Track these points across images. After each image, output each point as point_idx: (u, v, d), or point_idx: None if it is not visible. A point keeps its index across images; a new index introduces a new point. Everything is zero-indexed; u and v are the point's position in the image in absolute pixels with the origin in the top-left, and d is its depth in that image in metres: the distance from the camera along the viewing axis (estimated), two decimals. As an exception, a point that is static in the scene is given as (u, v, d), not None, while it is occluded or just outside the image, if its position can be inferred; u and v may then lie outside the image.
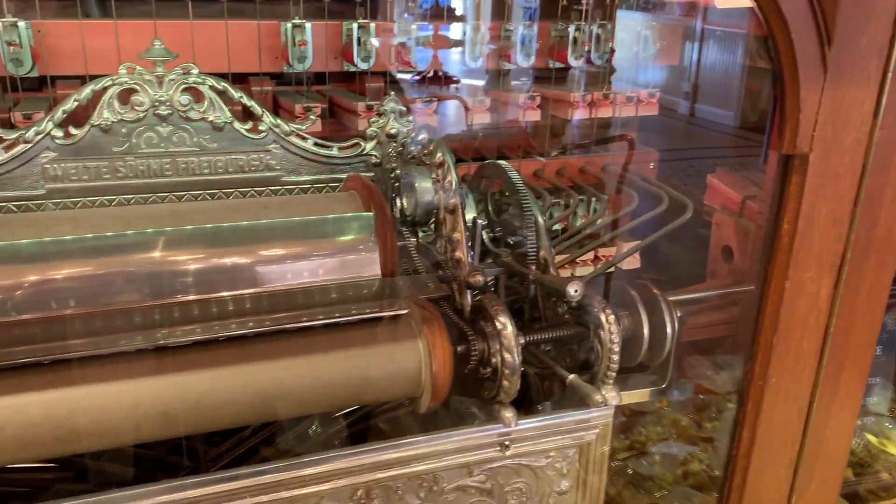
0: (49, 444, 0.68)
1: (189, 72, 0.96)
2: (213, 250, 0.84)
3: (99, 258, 0.79)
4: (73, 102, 0.92)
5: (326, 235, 0.89)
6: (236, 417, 0.76)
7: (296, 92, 1.42)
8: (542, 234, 0.97)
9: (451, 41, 1.44)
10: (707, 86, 3.60)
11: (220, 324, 0.77)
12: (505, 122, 1.46)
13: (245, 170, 1.02)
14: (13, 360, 0.67)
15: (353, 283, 0.88)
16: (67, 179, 0.95)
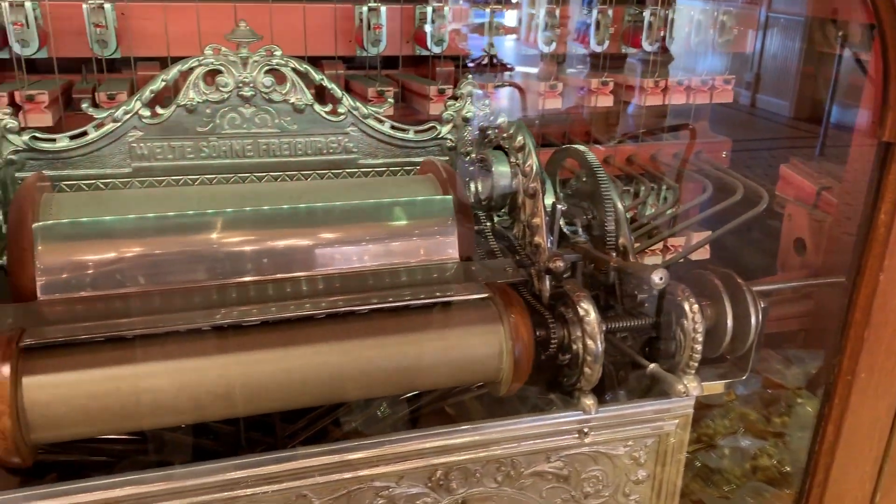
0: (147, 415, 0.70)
1: (273, 53, 0.97)
2: (299, 230, 0.85)
3: (192, 235, 0.81)
4: (161, 82, 0.94)
5: (406, 218, 0.90)
6: (323, 395, 0.76)
7: (366, 76, 1.43)
8: (622, 220, 0.95)
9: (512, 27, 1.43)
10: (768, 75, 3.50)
11: (308, 302, 0.78)
12: (574, 107, 1.44)
13: (323, 152, 1.03)
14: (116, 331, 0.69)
15: (432, 266, 0.88)
16: (153, 158, 0.96)
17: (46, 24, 1.15)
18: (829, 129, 1.96)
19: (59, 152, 0.93)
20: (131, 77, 1.30)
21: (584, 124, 1.51)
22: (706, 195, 1.34)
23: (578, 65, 1.51)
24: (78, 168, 0.94)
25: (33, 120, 1.12)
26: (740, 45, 1.58)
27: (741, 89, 3.41)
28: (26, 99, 1.12)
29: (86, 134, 0.93)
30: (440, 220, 0.90)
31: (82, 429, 0.69)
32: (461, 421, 1.04)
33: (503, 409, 0.98)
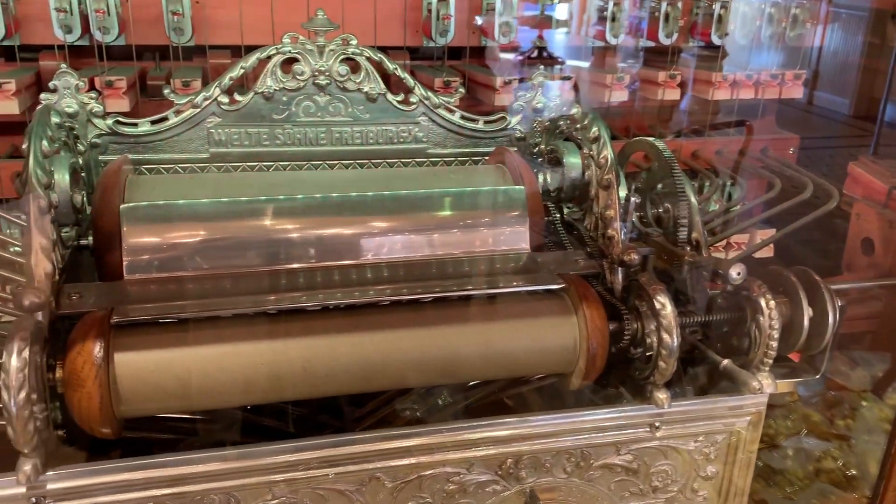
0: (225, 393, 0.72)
1: (348, 42, 0.98)
2: (376, 217, 0.86)
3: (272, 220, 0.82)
4: (240, 70, 0.95)
5: (479, 207, 0.90)
6: (399, 380, 0.77)
7: (430, 67, 1.43)
8: (696, 214, 0.94)
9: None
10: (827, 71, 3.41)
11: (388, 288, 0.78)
12: (640, 100, 1.43)
13: (394, 141, 1.04)
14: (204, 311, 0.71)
15: (505, 256, 0.88)
16: (230, 144, 0.98)
17: (125, 13, 1.17)
18: (884, 127, 1.91)
19: (140, 136, 0.95)
20: (202, 65, 1.32)
21: (649, 117, 1.50)
22: (774, 192, 1.31)
23: (629, 58, 1.49)
24: (158, 152, 0.97)
25: (112, 105, 1.15)
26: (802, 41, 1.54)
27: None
28: (106, 85, 1.15)
29: (166, 119, 0.95)
30: (512, 210, 0.90)
31: (168, 404, 0.71)
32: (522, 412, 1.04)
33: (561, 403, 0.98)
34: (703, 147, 1.48)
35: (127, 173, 0.86)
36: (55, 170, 0.81)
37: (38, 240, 0.73)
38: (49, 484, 0.68)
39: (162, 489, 0.71)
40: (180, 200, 0.82)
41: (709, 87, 1.39)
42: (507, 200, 0.91)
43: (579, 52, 1.56)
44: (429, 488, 0.79)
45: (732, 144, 1.49)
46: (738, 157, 1.48)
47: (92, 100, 0.93)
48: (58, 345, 0.71)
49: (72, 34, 1.14)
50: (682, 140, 1.46)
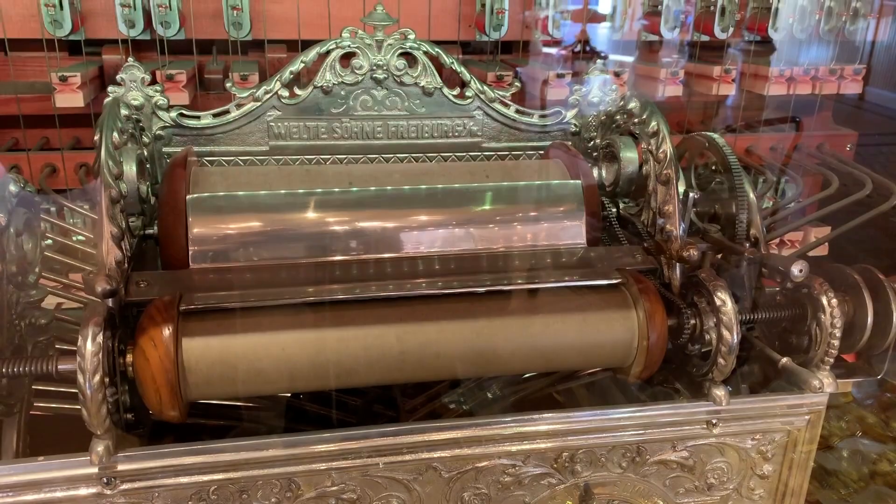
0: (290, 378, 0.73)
1: (406, 37, 0.98)
2: (434, 210, 0.87)
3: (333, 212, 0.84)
4: (300, 64, 0.97)
5: (536, 201, 0.90)
6: (461, 369, 0.78)
7: (481, 61, 1.44)
8: (755, 211, 0.93)
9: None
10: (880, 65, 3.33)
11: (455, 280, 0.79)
12: (695, 94, 1.41)
13: (449, 135, 1.05)
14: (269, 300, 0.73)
15: (563, 251, 0.89)
16: (289, 137, 1.00)
17: (185, 7, 1.20)
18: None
19: (203, 129, 0.97)
20: (259, 59, 1.34)
21: (703, 112, 1.48)
22: (831, 189, 1.29)
23: (673, 53, 1.47)
24: (219, 144, 0.99)
25: (172, 98, 1.16)
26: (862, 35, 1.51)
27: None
28: (166, 78, 1.18)
29: (228, 112, 0.97)
30: (568, 204, 0.90)
31: (233, 388, 0.73)
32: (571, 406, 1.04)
33: (610, 399, 0.98)
34: (758, 143, 1.46)
35: (192, 165, 0.88)
36: (123, 161, 0.83)
37: (109, 228, 0.75)
38: (119, 465, 0.70)
39: (223, 473, 0.73)
40: (244, 192, 0.83)
41: (764, 82, 1.37)
42: (564, 195, 0.91)
43: (623, 46, 1.54)
44: (484, 479, 0.79)
45: (787, 140, 1.46)
46: (793, 154, 1.46)
47: (157, 93, 0.95)
48: (127, 330, 0.73)
49: (134, 29, 1.17)
50: (736, 135, 1.44)
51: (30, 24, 1.18)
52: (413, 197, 0.87)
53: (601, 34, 1.36)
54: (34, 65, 1.31)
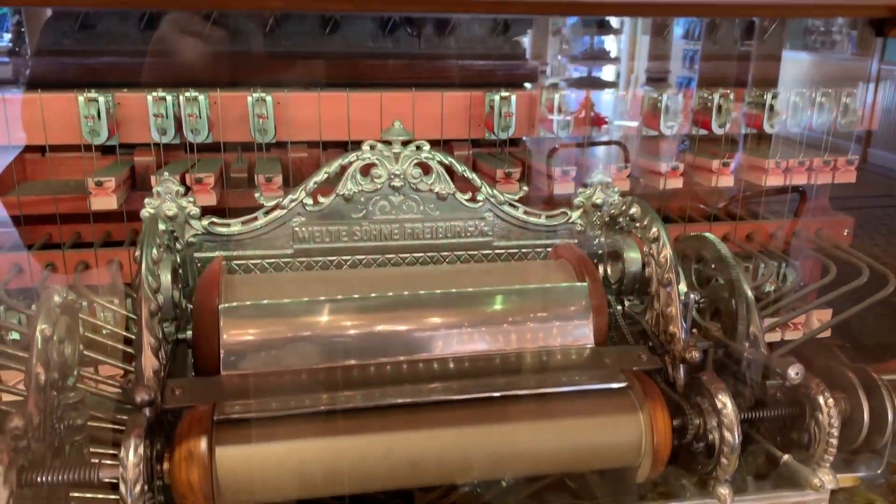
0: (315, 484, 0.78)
1: (421, 148, 1.06)
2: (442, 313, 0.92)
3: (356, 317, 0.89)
4: (324, 175, 1.04)
5: (544, 304, 0.95)
6: (473, 473, 0.82)
7: (490, 154, 1.51)
8: (753, 309, 0.98)
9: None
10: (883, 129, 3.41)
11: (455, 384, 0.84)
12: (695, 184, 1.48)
13: (462, 235, 1.11)
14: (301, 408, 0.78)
15: (570, 351, 0.93)
16: (312, 241, 1.06)
17: (214, 115, 1.28)
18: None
19: (232, 235, 1.04)
20: (281, 155, 1.42)
21: (704, 201, 1.54)
22: (829, 277, 1.34)
23: (673, 148, 1.54)
24: (247, 249, 1.05)
25: (200, 199, 1.24)
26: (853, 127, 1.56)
27: (849, 143, 3.35)
28: (196, 181, 1.25)
29: (256, 219, 1.04)
30: (576, 306, 0.96)
31: (267, 495, 0.77)
32: (583, 496, 1.08)
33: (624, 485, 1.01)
34: (758, 230, 1.52)
35: (223, 273, 0.94)
36: (160, 272, 0.89)
37: (149, 340, 0.81)
38: (154, 569, 0.74)
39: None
40: (272, 301, 0.89)
41: (762, 173, 1.44)
42: (571, 297, 0.96)
43: (625, 113, 1.62)
44: (500, 576, 0.83)
45: (786, 227, 1.52)
46: (792, 240, 1.51)
47: (189, 203, 1.02)
48: (162, 435, 0.78)
49: (166, 136, 1.25)
50: (736, 223, 1.50)
51: (68, 131, 1.26)
52: (430, 301, 0.93)
53: (604, 129, 1.43)
54: (69, 163, 1.39)
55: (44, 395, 0.81)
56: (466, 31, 1.39)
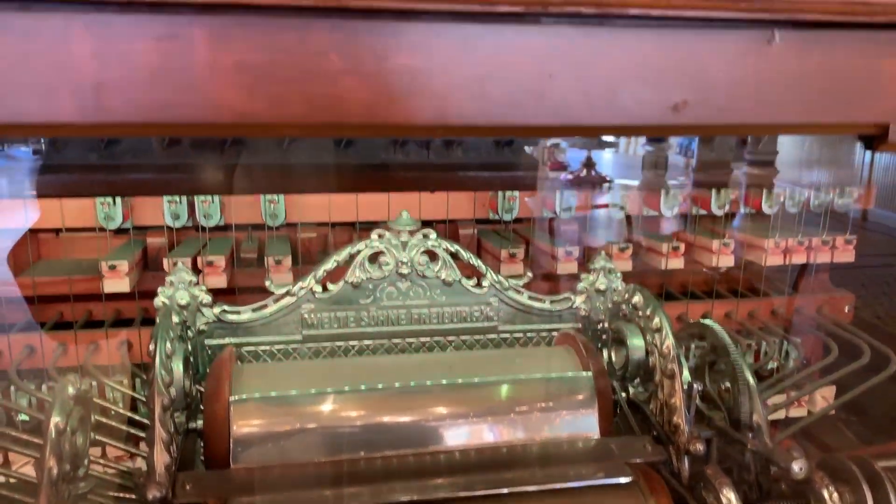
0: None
1: (428, 236, 1.08)
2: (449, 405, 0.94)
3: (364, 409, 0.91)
4: (333, 263, 1.06)
5: (550, 394, 0.97)
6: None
7: (494, 231, 1.54)
8: (756, 398, 1.00)
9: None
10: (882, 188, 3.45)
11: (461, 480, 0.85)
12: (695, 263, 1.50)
13: (467, 320, 1.13)
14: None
15: (576, 442, 0.94)
16: (321, 327, 1.08)
17: (226, 199, 1.32)
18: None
19: (242, 323, 1.06)
20: (289, 234, 1.45)
21: (704, 278, 1.57)
22: (831, 358, 1.35)
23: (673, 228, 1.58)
24: (257, 335, 1.07)
25: (211, 282, 1.28)
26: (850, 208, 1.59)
27: (849, 201, 3.39)
28: (207, 264, 1.28)
29: (266, 307, 1.06)
30: (581, 396, 0.97)
31: None
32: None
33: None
34: (759, 307, 1.54)
35: (233, 363, 0.96)
36: (173, 364, 0.91)
37: (161, 434, 0.82)
38: None
39: None
40: (281, 393, 0.91)
41: (761, 252, 1.46)
42: (576, 387, 0.98)
43: (627, 170, 1.66)
44: None
45: (788, 304, 1.54)
46: (794, 317, 1.53)
47: (202, 292, 1.04)
48: (173, 530, 0.79)
49: (179, 220, 1.29)
50: (738, 300, 1.52)
51: (84, 215, 1.29)
52: (436, 393, 0.94)
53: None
54: (82, 242, 1.43)
55: (55, 488, 0.82)
56: (473, 142, 1.44)
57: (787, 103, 0.65)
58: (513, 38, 0.60)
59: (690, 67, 0.63)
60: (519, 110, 0.61)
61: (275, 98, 0.57)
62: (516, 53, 0.60)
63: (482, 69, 0.60)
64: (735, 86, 0.64)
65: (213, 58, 0.56)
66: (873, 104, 0.67)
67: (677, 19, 0.60)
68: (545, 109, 0.62)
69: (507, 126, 0.62)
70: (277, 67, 0.57)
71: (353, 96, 0.59)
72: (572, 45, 0.61)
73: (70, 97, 0.54)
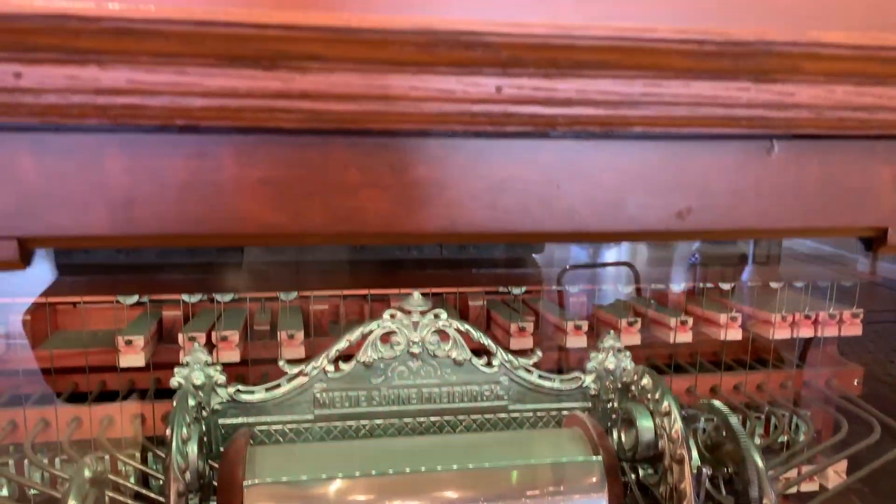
0: None
1: (439, 316, 1.10)
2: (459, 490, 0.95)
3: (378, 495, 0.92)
4: (345, 342, 1.08)
5: (560, 479, 0.98)
6: None
7: (503, 302, 1.56)
8: (765, 480, 1.00)
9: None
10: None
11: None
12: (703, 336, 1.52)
13: (477, 399, 1.14)
14: None
15: (585, 527, 0.95)
16: (332, 406, 1.10)
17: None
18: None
19: (256, 402, 1.08)
20: (300, 305, 1.48)
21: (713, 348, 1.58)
22: (841, 435, 1.35)
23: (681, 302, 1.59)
24: (269, 414, 1.08)
25: (224, 357, 1.29)
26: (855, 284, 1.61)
27: (858, 255, 3.39)
28: (221, 339, 1.30)
29: (279, 386, 1.08)
30: (590, 481, 0.98)
31: None
32: None
33: None
34: (768, 379, 1.54)
35: (247, 445, 0.98)
36: (188, 448, 0.92)
37: (175, 521, 0.83)
38: None
39: None
40: (293, 478, 0.92)
41: (769, 326, 1.47)
42: (586, 472, 0.98)
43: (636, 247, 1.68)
44: None
45: (797, 377, 1.55)
46: (802, 390, 1.53)
47: (217, 372, 1.06)
48: None
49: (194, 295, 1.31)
50: (747, 372, 1.53)
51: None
52: (447, 478, 0.95)
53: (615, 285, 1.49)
54: (99, 313, 1.45)
55: (69, 575, 0.83)
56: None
57: (787, 209, 0.68)
58: (522, 151, 0.63)
59: (693, 176, 0.66)
60: (528, 218, 0.64)
61: (297, 210, 0.60)
62: (526, 166, 0.63)
63: (493, 180, 0.63)
64: (737, 193, 0.66)
65: (239, 174, 0.59)
66: (871, 209, 0.69)
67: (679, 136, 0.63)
68: (553, 217, 0.64)
69: (517, 233, 0.64)
70: (300, 182, 0.60)
71: (371, 207, 0.62)
72: (579, 157, 0.64)
73: (103, 211, 0.57)
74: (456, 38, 0.52)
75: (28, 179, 0.56)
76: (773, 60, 0.57)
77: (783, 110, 0.60)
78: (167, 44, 0.50)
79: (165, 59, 0.51)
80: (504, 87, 0.56)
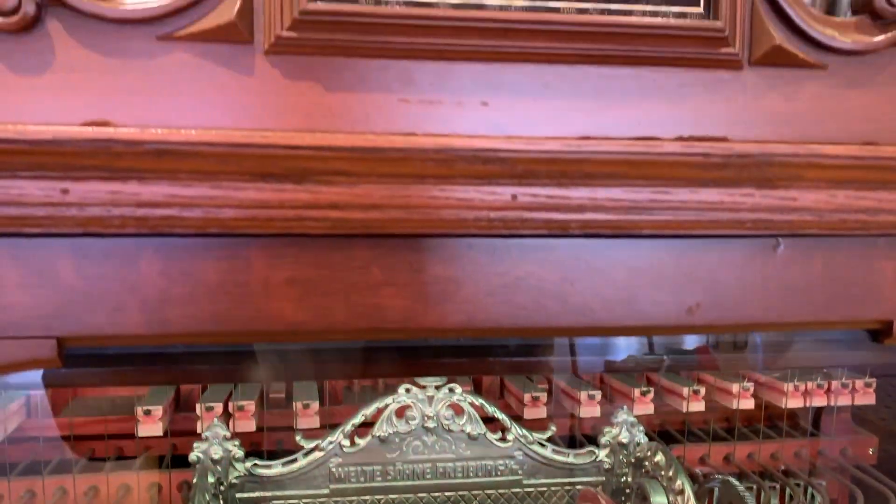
0: None
1: (453, 391, 1.12)
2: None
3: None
4: (361, 417, 1.10)
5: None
6: None
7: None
8: (780, 563, 1.00)
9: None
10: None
11: None
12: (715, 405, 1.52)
13: (492, 474, 1.15)
14: None
15: None
16: (347, 481, 1.11)
17: (258, 343, 1.37)
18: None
19: (273, 476, 1.09)
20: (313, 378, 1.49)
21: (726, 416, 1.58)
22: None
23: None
24: (285, 489, 1.10)
25: (241, 426, 1.31)
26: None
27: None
28: (237, 409, 1.32)
29: (295, 461, 1.09)
30: (606, 558, 0.98)
31: None
32: None
33: None
34: (782, 449, 1.54)
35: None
36: (202, 522, 0.94)
37: None
38: None
39: None
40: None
41: (781, 395, 1.48)
42: (601, 549, 0.99)
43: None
44: None
45: (811, 446, 1.54)
46: (817, 459, 1.53)
47: (235, 447, 1.08)
48: None
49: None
50: (761, 442, 1.53)
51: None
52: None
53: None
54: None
55: None
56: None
57: (793, 304, 0.70)
58: (536, 250, 0.66)
59: (703, 273, 0.68)
60: (542, 314, 0.66)
61: (321, 308, 0.63)
62: (540, 263, 0.66)
63: (508, 278, 0.66)
64: (745, 289, 0.69)
65: (267, 275, 0.62)
66: (875, 303, 0.71)
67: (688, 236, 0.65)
68: (567, 313, 0.67)
69: (531, 328, 0.67)
70: (324, 281, 0.63)
71: (391, 304, 0.64)
72: (592, 255, 0.66)
73: (138, 311, 0.60)
74: (474, 154, 0.55)
75: (67, 282, 0.59)
76: (776, 169, 0.60)
77: (786, 213, 0.63)
78: (205, 162, 0.53)
79: (202, 176, 0.54)
80: (519, 195, 0.59)
